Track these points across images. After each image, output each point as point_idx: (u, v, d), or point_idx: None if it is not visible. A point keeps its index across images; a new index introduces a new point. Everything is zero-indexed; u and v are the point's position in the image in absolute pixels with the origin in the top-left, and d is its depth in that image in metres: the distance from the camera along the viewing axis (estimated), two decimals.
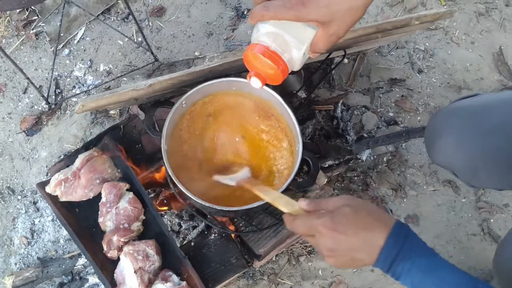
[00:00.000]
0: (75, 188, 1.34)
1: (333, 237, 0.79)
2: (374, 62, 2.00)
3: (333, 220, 0.80)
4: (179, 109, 1.28)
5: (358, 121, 1.89)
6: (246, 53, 1.01)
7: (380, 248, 0.77)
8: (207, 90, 1.31)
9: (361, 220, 0.80)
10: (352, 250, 0.79)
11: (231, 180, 1.20)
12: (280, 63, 0.95)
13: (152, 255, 1.27)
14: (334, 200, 0.85)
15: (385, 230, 0.78)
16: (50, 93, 1.89)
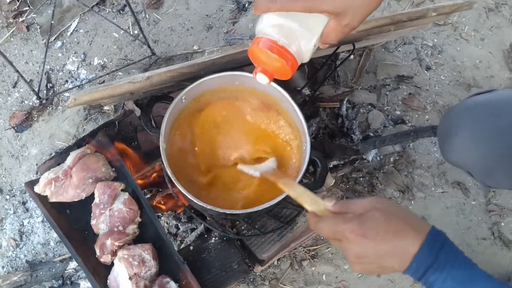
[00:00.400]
0: (66, 188, 1.27)
1: (361, 244, 0.75)
2: (381, 58, 1.94)
3: (362, 226, 0.75)
4: (179, 104, 1.23)
5: (364, 119, 1.83)
6: (252, 48, 0.94)
7: (413, 256, 0.73)
8: (208, 85, 1.26)
9: (392, 226, 0.75)
10: (381, 257, 0.75)
11: (256, 170, 1.15)
12: (289, 58, 0.90)
13: (149, 260, 1.21)
14: (363, 202, 0.80)
15: (419, 237, 0.74)
16: (41, 88, 1.82)
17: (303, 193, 0.92)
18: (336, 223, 0.79)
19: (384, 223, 0.75)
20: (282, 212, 1.35)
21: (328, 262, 1.64)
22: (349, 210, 0.80)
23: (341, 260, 1.65)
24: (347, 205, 0.81)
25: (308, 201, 0.89)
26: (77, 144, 1.38)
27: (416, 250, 0.73)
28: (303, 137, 1.24)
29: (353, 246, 0.76)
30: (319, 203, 0.86)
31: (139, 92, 1.33)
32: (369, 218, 0.76)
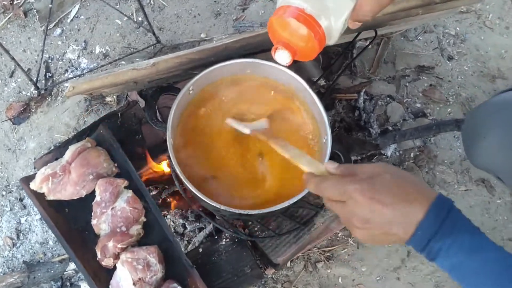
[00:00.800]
0: (64, 185, 1.20)
1: (370, 206, 0.71)
2: (400, 47, 1.84)
3: (373, 187, 0.72)
4: (186, 96, 1.16)
5: (382, 112, 1.73)
6: (273, 19, 0.86)
7: (418, 222, 0.70)
8: (217, 74, 1.19)
9: (402, 190, 0.72)
10: (388, 223, 0.72)
11: (246, 127, 1.09)
12: (317, 30, 0.83)
13: (154, 264, 1.14)
14: (372, 166, 0.77)
15: (426, 204, 0.71)
16: (40, 77, 1.76)
17: (299, 155, 0.89)
18: (343, 182, 0.75)
19: (395, 187, 0.72)
20: (298, 212, 1.27)
21: (345, 264, 1.56)
22: (355, 172, 0.77)
23: (358, 262, 1.58)
24: (353, 168, 0.78)
25: (305, 162, 0.85)
26: (76, 137, 1.31)
27: (422, 216, 0.70)
28: (323, 129, 1.15)
29: (360, 208, 0.73)
30: (318, 166, 0.83)
31: (144, 81, 1.24)
32: (380, 181, 0.73)
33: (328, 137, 1.12)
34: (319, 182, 0.79)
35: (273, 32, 0.90)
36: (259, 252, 1.36)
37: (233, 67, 1.20)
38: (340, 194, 0.75)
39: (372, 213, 0.72)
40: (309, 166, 0.84)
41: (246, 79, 1.22)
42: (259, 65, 1.20)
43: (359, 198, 0.72)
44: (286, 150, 0.93)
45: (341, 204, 0.75)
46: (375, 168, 0.76)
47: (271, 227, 1.26)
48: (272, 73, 1.22)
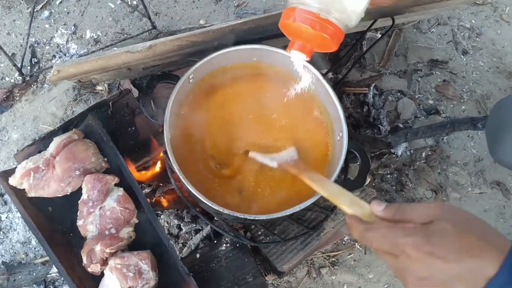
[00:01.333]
0: (47, 181, 1.12)
1: (428, 264, 0.63)
2: (412, 40, 1.77)
3: (429, 240, 0.63)
4: (186, 85, 1.06)
5: (392, 108, 1.67)
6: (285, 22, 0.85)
7: (489, 279, 0.61)
8: (220, 62, 1.10)
9: (466, 241, 0.63)
10: (449, 281, 0.63)
11: (273, 160, 1.01)
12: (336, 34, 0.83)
13: (147, 271, 1.07)
14: (426, 208, 0.67)
15: (498, 257, 0.62)
16: (25, 63, 1.68)
17: (340, 193, 0.80)
18: (394, 234, 0.66)
19: (457, 238, 0.63)
20: (306, 215, 1.18)
21: (350, 270, 1.49)
22: (407, 217, 0.67)
23: (365, 268, 1.50)
24: (404, 210, 0.69)
25: (346, 202, 0.76)
26: (62, 128, 1.22)
27: (494, 273, 0.61)
28: (337, 124, 1.06)
29: (417, 265, 0.64)
30: (363, 206, 0.73)
31: (138, 67, 1.14)
32: (438, 231, 0.64)
33: (344, 134, 1.02)
34: (365, 230, 0.70)
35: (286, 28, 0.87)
36: (260, 257, 1.28)
37: (238, 54, 1.10)
38: (391, 247, 0.66)
39: (430, 270, 0.63)
40: (352, 207, 0.74)
41: (252, 68, 1.13)
42: (267, 53, 1.10)
43: (413, 254, 0.64)
44: (322, 187, 0.84)
45: (393, 257, 0.66)
46: (430, 210, 0.67)
47: (276, 231, 1.19)
48: (281, 62, 1.11)
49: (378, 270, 1.48)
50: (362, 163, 1.02)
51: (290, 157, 1.02)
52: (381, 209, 0.70)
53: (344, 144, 1.01)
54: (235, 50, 1.08)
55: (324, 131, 1.11)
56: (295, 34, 0.88)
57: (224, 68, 1.13)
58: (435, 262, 0.63)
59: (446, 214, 0.66)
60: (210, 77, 1.13)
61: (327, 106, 1.11)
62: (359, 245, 1.51)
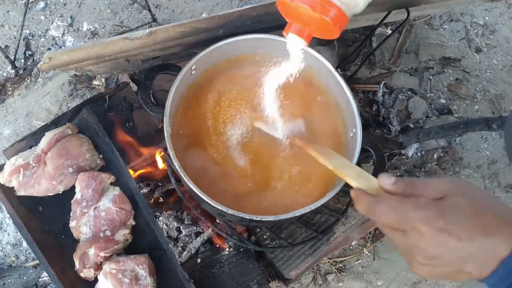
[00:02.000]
0: (38, 178, 1.06)
1: (439, 240, 0.60)
2: (424, 36, 1.73)
3: (443, 215, 0.60)
4: (187, 77, 1.01)
5: (403, 107, 1.61)
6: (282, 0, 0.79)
7: (501, 260, 0.59)
8: (224, 52, 1.05)
9: (480, 219, 0.60)
10: (461, 260, 0.61)
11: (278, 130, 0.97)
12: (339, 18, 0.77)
13: (144, 276, 1.01)
14: (440, 182, 0.64)
15: None
16: (18, 56, 1.64)
17: (346, 165, 0.77)
18: (403, 207, 0.63)
19: (471, 214, 0.61)
20: (315, 218, 1.13)
21: (358, 277, 1.45)
22: (418, 192, 0.64)
23: (374, 275, 1.46)
24: (415, 184, 0.65)
25: (353, 175, 0.73)
26: (55, 122, 1.16)
27: (507, 253, 0.59)
28: (350, 120, 1.01)
29: (427, 242, 0.61)
30: (371, 179, 0.70)
31: (137, 58, 1.08)
32: (452, 207, 0.61)
33: (358, 130, 0.97)
34: (373, 203, 0.66)
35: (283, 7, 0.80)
36: (265, 263, 1.23)
37: (244, 44, 1.04)
38: (400, 221, 0.63)
39: (442, 248, 0.60)
40: (358, 180, 0.71)
41: (259, 60, 1.08)
42: (274, 43, 1.04)
43: (425, 229, 0.60)
44: (328, 159, 0.81)
45: (401, 233, 0.63)
46: (444, 185, 0.63)
47: (283, 235, 1.14)
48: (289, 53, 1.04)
49: (387, 277, 1.44)
50: (378, 160, 0.97)
51: (297, 129, 0.99)
52: (390, 182, 0.66)
53: (358, 141, 0.96)
54: (241, 39, 1.03)
55: (335, 128, 1.06)
56: (294, 16, 0.82)
57: (228, 60, 1.07)
58: (447, 240, 0.59)
59: (461, 189, 0.63)
60: (214, 70, 1.07)
61: (339, 101, 1.06)
62: (368, 250, 1.46)
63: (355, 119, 0.98)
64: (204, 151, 1.04)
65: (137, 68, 1.28)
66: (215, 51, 1.02)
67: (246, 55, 1.07)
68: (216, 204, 0.84)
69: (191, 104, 1.06)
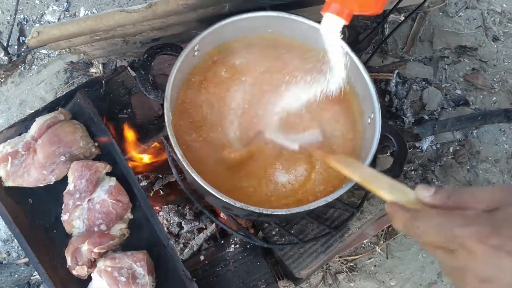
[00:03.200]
0: (28, 168, 0.99)
1: (494, 260, 0.52)
2: (438, 24, 1.66)
3: (498, 231, 0.53)
4: (190, 58, 0.95)
5: (417, 98, 1.56)
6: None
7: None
8: (229, 32, 0.98)
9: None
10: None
11: (293, 141, 0.90)
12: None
13: (142, 275, 0.94)
14: (491, 192, 0.56)
15: None
16: (12, 42, 1.58)
17: (375, 176, 0.69)
18: (450, 222, 0.55)
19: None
20: (328, 213, 1.05)
21: (370, 277, 1.39)
22: (465, 203, 0.56)
23: (387, 274, 1.40)
24: (460, 194, 0.57)
25: (385, 186, 0.65)
26: (48, 108, 1.09)
27: None
28: (368, 104, 0.95)
29: (480, 263, 0.53)
30: (406, 191, 0.63)
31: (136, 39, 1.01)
32: (508, 220, 0.53)
33: (377, 115, 0.91)
34: (412, 219, 0.58)
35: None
36: (273, 260, 1.16)
37: (251, 24, 0.98)
38: (446, 240, 0.56)
39: (498, 269, 0.53)
40: (391, 192, 0.64)
41: (268, 41, 1.02)
42: (285, 22, 0.98)
43: (476, 248, 0.53)
44: (354, 171, 0.74)
45: (448, 253, 0.56)
46: (496, 194, 0.56)
47: (293, 231, 1.06)
48: (300, 32, 1.00)
49: (401, 277, 1.38)
50: (399, 148, 0.91)
51: (314, 139, 0.91)
52: (430, 194, 0.59)
53: (378, 127, 0.89)
54: (248, 18, 0.97)
55: (352, 114, 0.99)
56: None
57: (235, 41, 1.01)
58: (504, 259, 0.52)
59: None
60: (218, 51, 1.01)
61: (355, 84, 1.00)
62: (380, 248, 1.40)
63: (374, 104, 0.91)
64: (209, 139, 0.97)
65: (136, 52, 1.22)
66: (219, 31, 0.95)
67: (254, 35, 1.00)
68: (223, 197, 0.77)
69: (195, 88, 0.99)
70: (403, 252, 1.38)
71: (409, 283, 1.36)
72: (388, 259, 1.38)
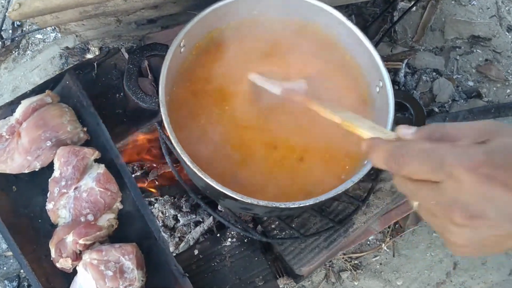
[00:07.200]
0: (11, 152, 0.91)
1: (485, 191, 0.47)
2: (450, 13, 1.61)
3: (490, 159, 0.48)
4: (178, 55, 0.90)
5: (427, 90, 1.51)
6: None
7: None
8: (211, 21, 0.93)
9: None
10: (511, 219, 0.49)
11: (275, 86, 0.85)
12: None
13: (130, 269, 0.86)
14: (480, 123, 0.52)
15: None
16: (6, 26, 1.54)
17: (357, 118, 0.66)
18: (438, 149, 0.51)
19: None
20: (332, 206, 0.97)
21: (376, 276, 1.33)
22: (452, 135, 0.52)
23: (393, 273, 1.33)
24: (445, 128, 0.53)
25: (365, 126, 0.63)
26: (36, 91, 1.00)
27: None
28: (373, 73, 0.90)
29: (469, 194, 0.49)
30: (386, 132, 0.59)
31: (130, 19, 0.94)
32: (500, 150, 0.49)
33: (386, 81, 0.86)
34: (396, 148, 0.53)
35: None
36: (272, 256, 1.09)
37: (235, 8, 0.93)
38: (433, 168, 0.50)
39: (488, 202, 0.48)
40: (372, 131, 0.61)
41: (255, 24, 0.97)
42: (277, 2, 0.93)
43: (466, 177, 0.48)
44: (335, 112, 0.70)
45: (432, 186, 0.51)
46: (486, 126, 0.52)
47: (294, 224, 0.99)
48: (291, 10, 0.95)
49: (408, 276, 1.31)
50: (416, 113, 0.87)
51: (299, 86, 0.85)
52: (411, 131, 0.55)
53: (390, 94, 0.85)
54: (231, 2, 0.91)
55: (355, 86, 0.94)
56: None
57: (220, 30, 0.96)
58: (495, 190, 0.47)
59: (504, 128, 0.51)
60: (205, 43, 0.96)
61: (354, 54, 0.95)
62: (387, 246, 1.34)
63: (380, 70, 0.88)
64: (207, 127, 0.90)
65: (133, 38, 1.16)
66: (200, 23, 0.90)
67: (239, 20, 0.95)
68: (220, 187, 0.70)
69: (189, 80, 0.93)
70: (411, 250, 1.32)
71: (416, 282, 1.30)
72: (394, 257, 1.32)
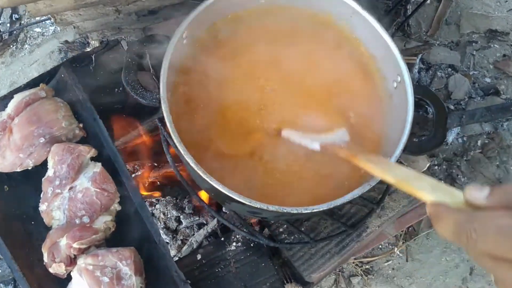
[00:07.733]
0: (3, 150, 0.89)
1: None
2: (466, 6, 1.56)
3: None
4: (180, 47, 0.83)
5: (442, 86, 1.46)
6: None
7: None
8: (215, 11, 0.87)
9: None
10: None
11: (313, 140, 0.75)
12: None
13: (128, 275, 0.82)
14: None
15: None
16: (4, 19, 1.53)
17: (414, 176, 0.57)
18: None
19: None
20: (344, 209, 0.92)
21: (388, 281, 1.28)
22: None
23: (406, 279, 1.28)
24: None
25: (425, 187, 0.53)
26: (30, 85, 0.97)
27: None
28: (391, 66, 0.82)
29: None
30: (452, 192, 0.50)
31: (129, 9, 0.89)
32: None
33: (405, 76, 0.78)
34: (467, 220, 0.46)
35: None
36: (280, 261, 1.03)
37: None
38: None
39: None
40: (434, 193, 0.52)
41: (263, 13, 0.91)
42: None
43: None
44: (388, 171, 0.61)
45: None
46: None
47: (303, 228, 0.94)
48: None
49: (421, 281, 1.27)
50: (437, 110, 0.80)
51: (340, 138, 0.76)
52: (484, 195, 0.46)
53: (409, 90, 0.77)
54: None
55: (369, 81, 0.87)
56: None
57: (224, 20, 0.90)
58: None
59: None
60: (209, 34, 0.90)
61: (370, 47, 0.88)
62: (399, 250, 1.29)
63: (399, 65, 0.80)
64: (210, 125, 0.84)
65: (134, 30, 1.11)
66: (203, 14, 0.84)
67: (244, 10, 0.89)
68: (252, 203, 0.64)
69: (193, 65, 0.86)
70: (425, 254, 1.27)
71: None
72: (407, 262, 1.27)
